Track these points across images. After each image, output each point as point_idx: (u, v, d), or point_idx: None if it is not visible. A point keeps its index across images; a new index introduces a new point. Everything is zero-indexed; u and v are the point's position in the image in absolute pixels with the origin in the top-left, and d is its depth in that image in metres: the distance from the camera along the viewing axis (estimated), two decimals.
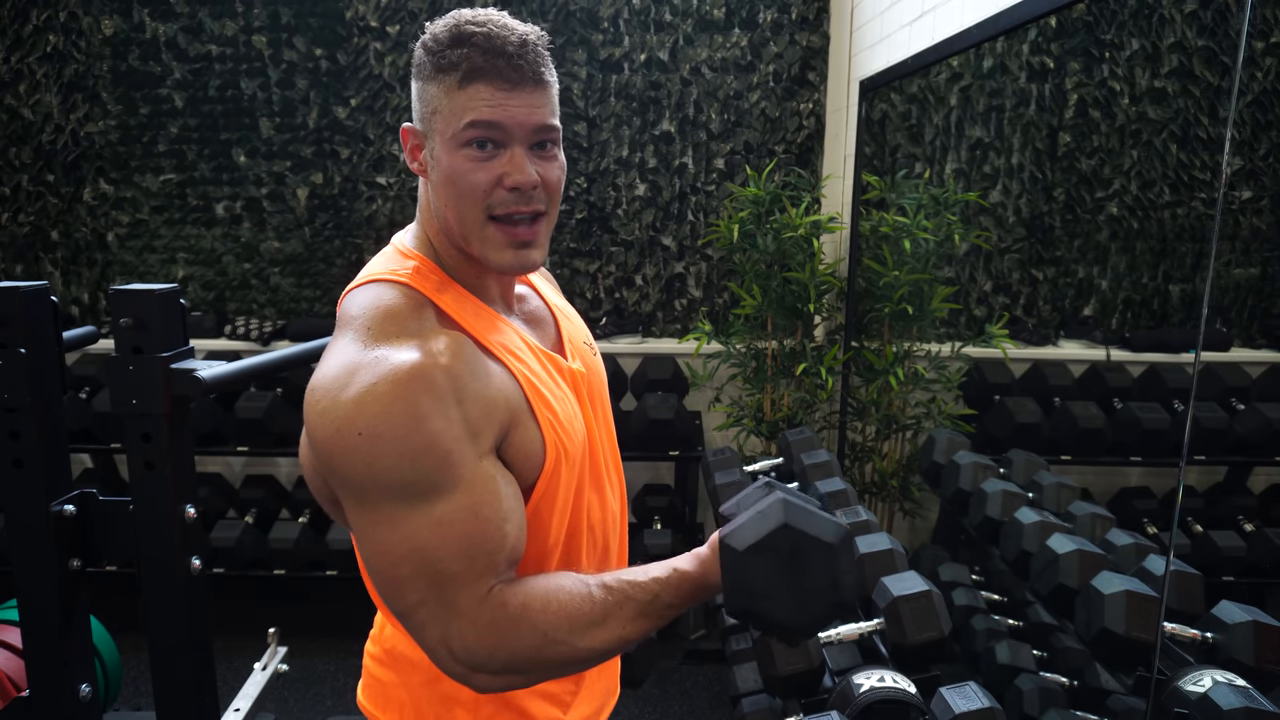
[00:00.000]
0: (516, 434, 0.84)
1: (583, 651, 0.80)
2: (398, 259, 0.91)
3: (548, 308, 1.05)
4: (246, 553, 2.93)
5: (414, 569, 0.77)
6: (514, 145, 0.83)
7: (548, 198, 0.87)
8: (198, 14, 3.20)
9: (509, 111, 0.82)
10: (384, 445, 0.75)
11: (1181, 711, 1.32)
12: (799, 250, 2.85)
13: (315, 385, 0.79)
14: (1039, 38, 2.83)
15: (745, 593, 0.78)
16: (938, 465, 2.48)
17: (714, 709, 2.70)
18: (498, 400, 0.82)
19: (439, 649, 0.78)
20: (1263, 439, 2.13)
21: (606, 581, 0.83)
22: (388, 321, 0.82)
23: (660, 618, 0.83)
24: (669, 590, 0.83)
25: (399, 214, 3.35)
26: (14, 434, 1.35)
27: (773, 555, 0.78)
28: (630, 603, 0.82)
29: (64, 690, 1.42)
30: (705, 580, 0.83)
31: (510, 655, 0.78)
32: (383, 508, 0.77)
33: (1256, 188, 2.26)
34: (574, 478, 0.92)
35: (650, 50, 3.24)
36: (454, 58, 0.82)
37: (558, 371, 0.94)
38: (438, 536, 0.76)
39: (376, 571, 0.79)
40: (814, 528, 0.79)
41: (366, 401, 0.75)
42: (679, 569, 0.84)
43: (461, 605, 0.77)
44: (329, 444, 0.76)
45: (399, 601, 0.79)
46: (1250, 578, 2.10)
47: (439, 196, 0.87)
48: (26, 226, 3.34)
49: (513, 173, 0.83)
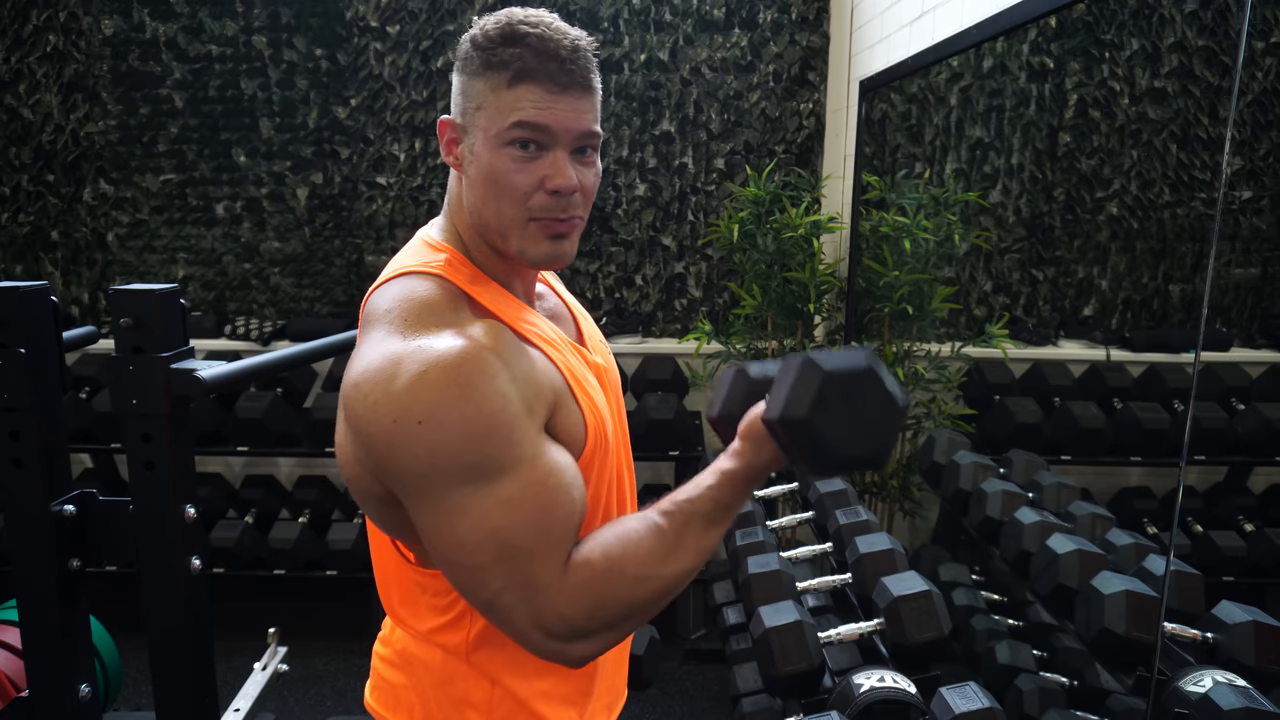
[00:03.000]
0: (560, 415, 0.85)
1: (672, 579, 0.81)
2: (427, 251, 0.90)
3: (566, 306, 1.06)
4: (246, 553, 2.93)
5: (493, 555, 0.76)
6: (557, 149, 0.84)
7: (584, 203, 0.88)
8: (198, 14, 3.20)
9: (556, 115, 0.82)
10: (446, 431, 0.74)
11: (1182, 712, 1.32)
12: (799, 250, 2.85)
13: (359, 381, 0.77)
14: (1039, 38, 2.83)
15: (827, 449, 0.79)
16: (938, 465, 2.48)
17: (714, 709, 2.70)
18: (542, 382, 0.83)
19: (532, 632, 0.78)
20: (1263, 439, 2.13)
21: (665, 508, 0.84)
22: (425, 312, 0.81)
23: (728, 518, 0.85)
24: (726, 492, 0.83)
25: (399, 214, 3.35)
26: (14, 434, 1.35)
27: (832, 407, 0.79)
28: (696, 517, 0.83)
29: (64, 690, 1.42)
30: (756, 467, 0.84)
31: (608, 611, 0.79)
32: (451, 496, 0.76)
33: (1256, 188, 2.26)
34: (609, 463, 0.93)
35: (650, 50, 3.24)
36: (506, 56, 0.82)
37: (585, 363, 0.96)
38: (511, 517, 0.76)
39: (454, 565, 0.78)
40: (848, 363, 0.81)
41: (421, 389, 0.74)
42: (724, 470, 0.84)
43: (547, 580, 0.77)
44: (387, 437, 0.75)
45: (483, 591, 0.78)
46: (1250, 578, 2.10)
47: (475, 192, 0.87)
48: (26, 226, 3.34)
49: (555, 176, 0.83)
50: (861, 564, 1.84)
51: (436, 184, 3.33)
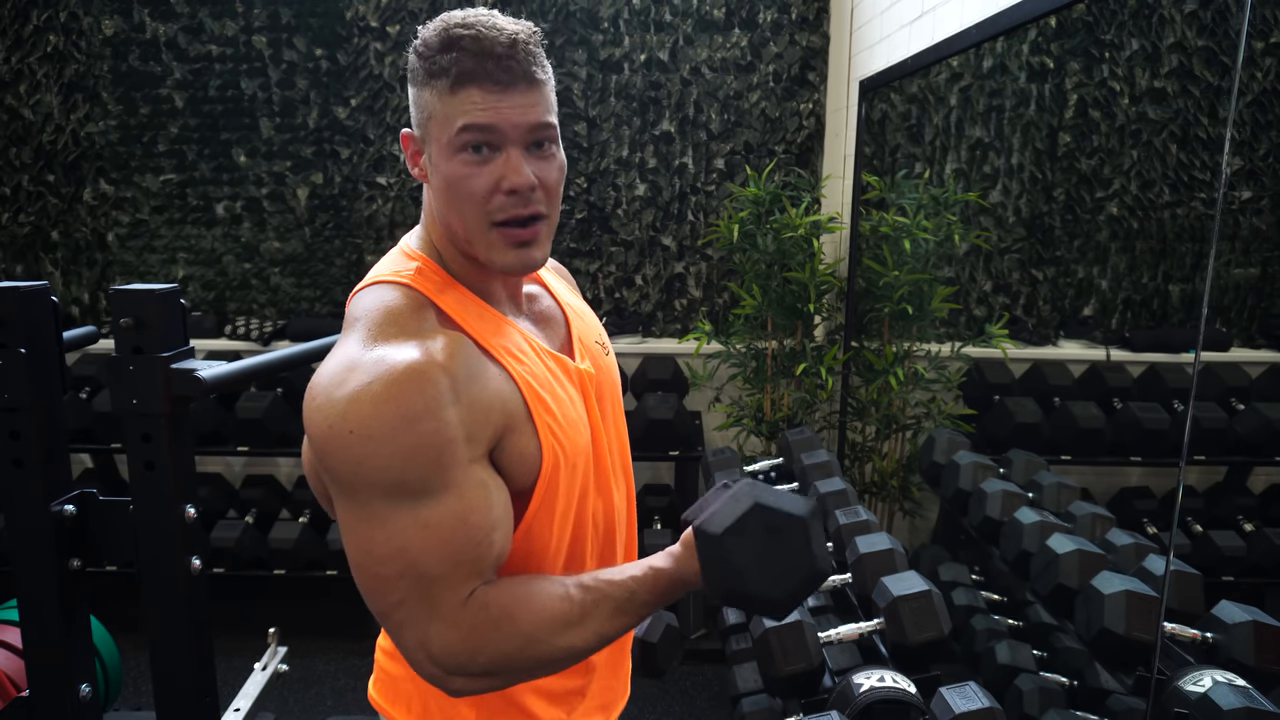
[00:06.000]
0: (512, 438, 0.84)
1: (561, 651, 0.81)
2: (402, 260, 0.91)
3: (559, 306, 1.04)
4: (246, 553, 2.93)
5: (397, 570, 0.77)
6: (509, 147, 0.83)
7: (546, 199, 0.86)
8: (198, 14, 3.20)
9: (502, 113, 0.81)
10: (374, 445, 0.75)
11: (1181, 711, 1.32)
12: (799, 250, 2.85)
13: (314, 383, 0.79)
14: (1039, 38, 2.83)
15: (728, 574, 0.81)
16: (938, 465, 2.48)
17: (714, 709, 2.70)
18: (494, 403, 0.82)
19: (417, 652, 0.79)
20: (1263, 439, 2.13)
21: (584, 581, 0.84)
22: (387, 322, 0.82)
23: (638, 615, 0.84)
24: (645, 587, 0.84)
25: (399, 214, 3.35)
26: (14, 434, 1.35)
27: (749, 534, 0.81)
28: (607, 601, 0.83)
29: (64, 690, 1.42)
30: (681, 575, 0.85)
31: (491, 658, 0.79)
32: (370, 505, 0.77)
33: (1256, 188, 2.26)
34: (576, 482, 0.92)
35: (650, 50, 3.24)
36: (444, 63, 0.81)
37: (564, 373, 0.94)
38: (423, 540, 0.77)
39: (360, 569, 0.79)
40: (784, 504, 0.83)
41: (361, 400, 0.75)
42: (655, 566, 0.85)
43: (443, 609, 0.78)
44: (322, 440, 0.77)
45: (380, 600, 0.79)
46: (1250, 578, 2.10)
47: (440, 201, 0.87)
48: (26, 226, 3.34)
49: (509, 175, 0.83)
50: (861, 564, 1.84)
51: None
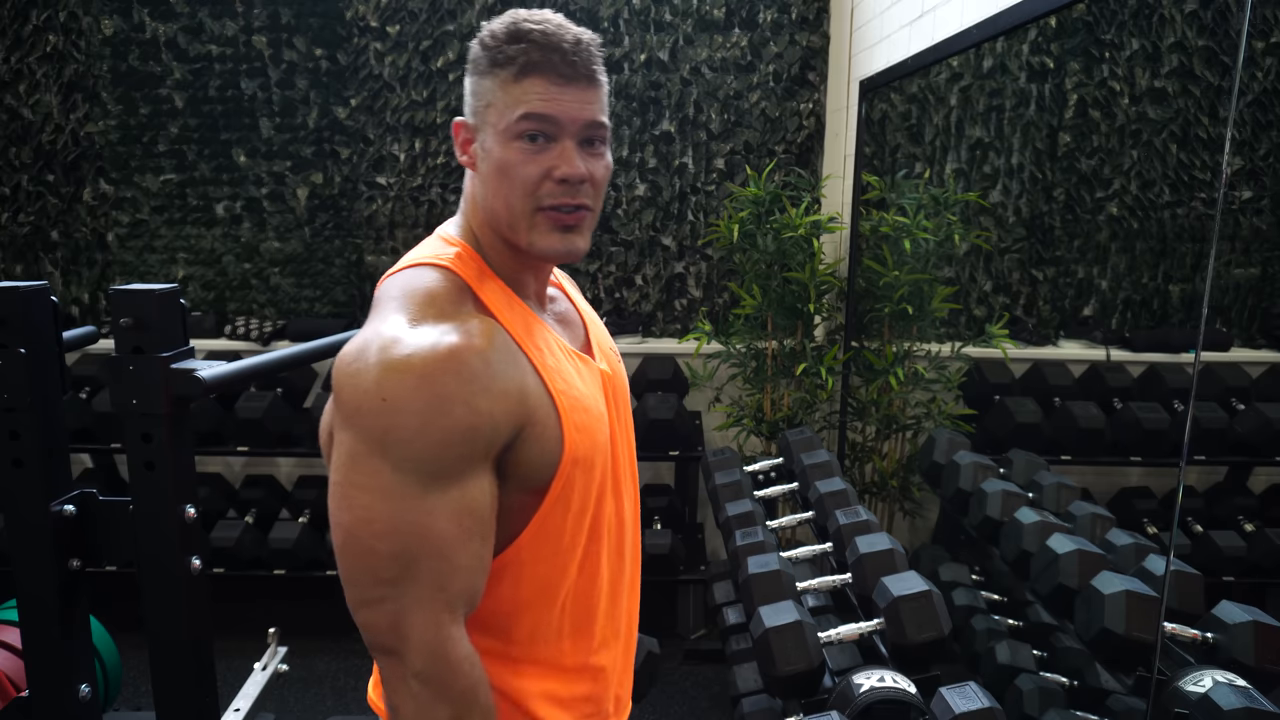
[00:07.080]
0: (534, 430, 0.84)
1: None
2: (441, 245, 0.92)
3: (576, 310, 1.06)
4: (246, 553, 2.93)
5: (394, 548, 0.77)
6: (564, 139, 0.86)
7: (593, 193, 0.89)
8: (198, 14, 3.20)
9: (562, 105, 0.84)
10: (404, 418, 0.75)
11: (1182, 711, 1.32)
12: (799, 250, 2.85)
13: (348, 350, 0.80)
14: (1039, 38, 2.83)
15: None
16: (938, 465, 2.48)
17: (714, 709, 2.70)
18: (520, 395, 0.83)
19: (387, 633, 0.78)
20: (1263, 439, 2.13)
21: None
22: (427, 302, 0.83)
23: None
24: None
25: (399, 214, 3.35)
26: (14, 434, 1.35)
27: None
28: None
29: (64, 690, 1.42)
30: None
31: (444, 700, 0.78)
32: (382, 476, 0.76)
33: (1256, 188, 2.26)
34: (594, 480, 0.92)
35: (650, 50, 3.24)
36: (511, 52, 0.84)
37: (588, 371, 0.95)
38: (428, 524, 0.77)
39: (353, 538, 0.78)
40: None
41: (400, 370, 0.76)
42: None
43: (430, 602, 0.77)
44: (353, 404, 0.77)
45: (366, 573, 0.78)
46: (1250, 578, 2.10)
47: (488, 187, 0.88)
48: (26, 226, 3.34)
49: (561, 165, 0.85)
50: (861, 564, 1.84)
51: (436, 184, 3.33)
